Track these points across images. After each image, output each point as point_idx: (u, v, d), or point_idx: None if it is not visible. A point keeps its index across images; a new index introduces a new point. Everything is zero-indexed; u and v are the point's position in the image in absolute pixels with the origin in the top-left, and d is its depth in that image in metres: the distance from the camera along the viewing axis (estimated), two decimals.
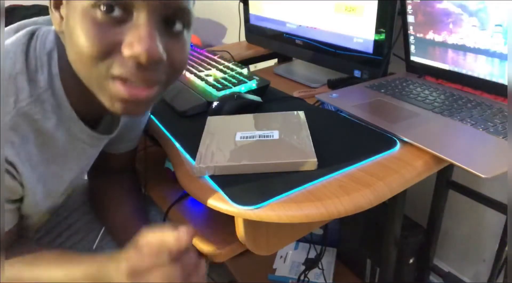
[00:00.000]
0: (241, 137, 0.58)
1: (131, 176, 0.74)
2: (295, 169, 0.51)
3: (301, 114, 0.65)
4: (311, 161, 0.51)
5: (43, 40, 0.48)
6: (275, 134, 0.58)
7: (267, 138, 0.57)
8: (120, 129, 0.62)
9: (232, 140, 0.57)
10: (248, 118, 0.65)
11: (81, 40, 0.40)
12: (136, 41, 0.39)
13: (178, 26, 0.44)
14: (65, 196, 0.59)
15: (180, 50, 0.45)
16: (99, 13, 0.39)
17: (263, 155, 0.53)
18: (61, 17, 0.44)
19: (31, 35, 0.48)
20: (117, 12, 0.39)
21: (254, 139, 0.57)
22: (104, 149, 0.62)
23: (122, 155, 0.70)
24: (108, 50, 0.40)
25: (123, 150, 0.70)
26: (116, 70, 0.41)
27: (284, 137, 0.57)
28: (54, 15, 0.45)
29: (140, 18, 0.40)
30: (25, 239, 0.56)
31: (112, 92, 0.43)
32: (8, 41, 0.47)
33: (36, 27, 0.50)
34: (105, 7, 0.39)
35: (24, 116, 0.45)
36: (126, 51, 0.40)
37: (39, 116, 0.46)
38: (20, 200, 0.50)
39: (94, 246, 0.69)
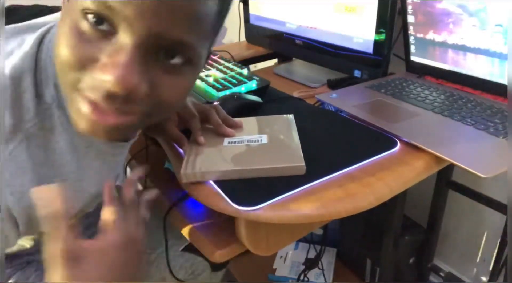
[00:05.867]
0: (228, 142, 0.57)
1: None
2: (282, 174, 0.50)
3: (290, 117, 0.64)
4: (299, 166, 0.50)
5: (50, 47, 0.44)
6: (264, 139, 0.57)
7: (256, 143, 0.56)
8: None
9: (219, 145, 0.56)
10: None
11: (60, 46, 0.35)
12: (110, 65, 0.33)
13: (176, 60, 0.37)
14: (91, 207, 0.55)
15: (172, 87, 0.38)
16: (85, 24, 0.34)
17: (250, 160, 0.51)
18: None
19: (40, 41, 0.44)
20: (105, 27, 0.34)
21: (242, 143, 0.56)
22: None
23: None
24: (82, 64, 0.35)
25: None
26: (85, 89, 0.36)
27: (273, 142, 0.56)
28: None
29: (125, 39, 0.33)
30: None
31: (78, 107, 0.37)
32: (20, 53, 0.43)
33: (45, 30, 0.45)
34: (94, 19, 0.34)
35: (33, 138, 0.41)
36: (97, 73, 0.34)
37: (48, 132, 0.42)
38: None
39: None
